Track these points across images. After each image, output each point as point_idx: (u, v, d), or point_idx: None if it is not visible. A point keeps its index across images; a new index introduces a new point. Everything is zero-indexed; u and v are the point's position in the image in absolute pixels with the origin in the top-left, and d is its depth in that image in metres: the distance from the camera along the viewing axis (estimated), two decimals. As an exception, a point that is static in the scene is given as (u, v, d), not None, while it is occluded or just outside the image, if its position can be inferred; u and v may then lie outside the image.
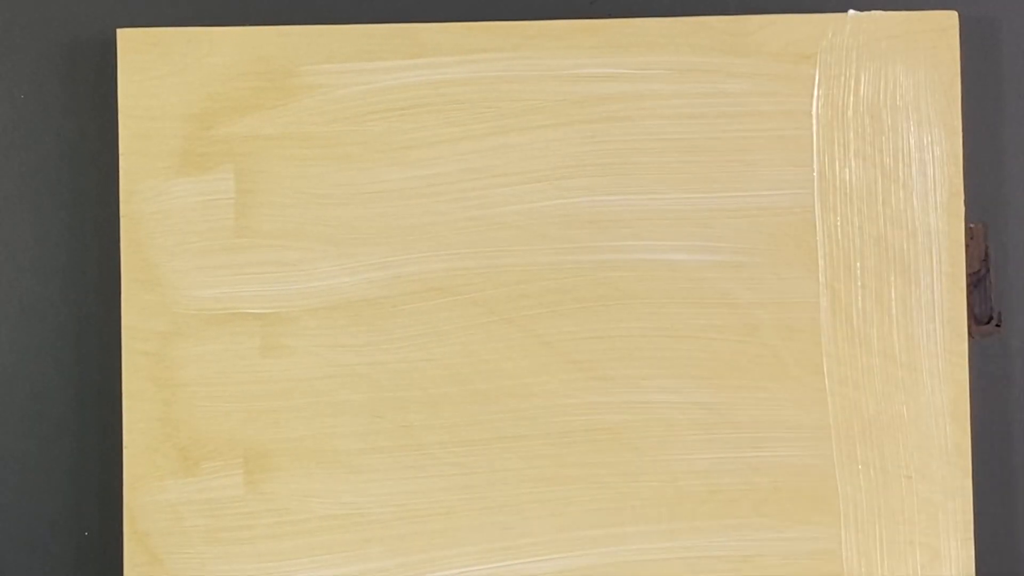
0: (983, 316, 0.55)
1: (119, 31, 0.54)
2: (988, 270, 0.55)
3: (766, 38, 0.54)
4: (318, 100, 0.54)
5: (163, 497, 0.53)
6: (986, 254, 0.55)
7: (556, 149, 0.54)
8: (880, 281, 0.54)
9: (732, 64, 0.54)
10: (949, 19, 0.54)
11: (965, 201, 0.54)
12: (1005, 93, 0.56)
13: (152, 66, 0.54)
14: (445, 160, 0.54)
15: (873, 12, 0.54)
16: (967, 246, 0.54)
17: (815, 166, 0.54)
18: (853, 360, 0.54)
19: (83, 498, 0.54)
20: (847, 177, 0.54)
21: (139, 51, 0.54)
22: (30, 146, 0.55)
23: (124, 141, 0.53)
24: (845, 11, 0.55)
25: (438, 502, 0.53)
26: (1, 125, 0.55)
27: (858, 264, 0.54)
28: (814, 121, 0.54)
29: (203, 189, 0.53)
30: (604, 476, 0.53)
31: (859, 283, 0.54)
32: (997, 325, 0.55)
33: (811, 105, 0.54)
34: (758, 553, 0.53)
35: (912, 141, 0.54)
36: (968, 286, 0.54)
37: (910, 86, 0.54)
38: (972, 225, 0.55)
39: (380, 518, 0.53)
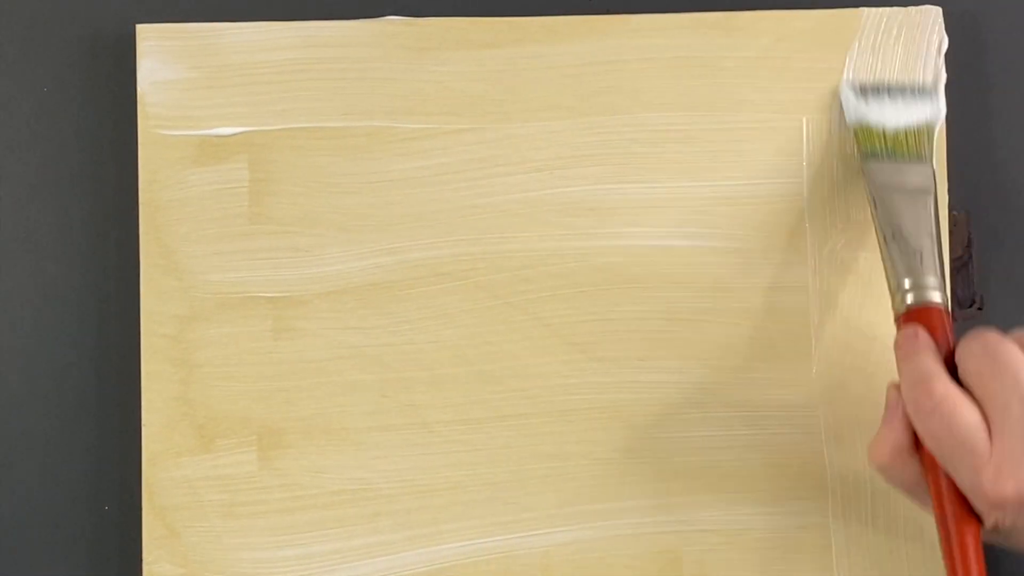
0: (966, 300, 0.56)
1: (138, 26, 0.55)
2: (971, 256, 0.56)
3: (759, 33, 0.56)
4: (329, 93, 0.55)
5: (180, 473, 0.54)
6: (969, 240, 0.56)
7: (557, 140, 0.55)
8: (867, 267, 0.55)
9: (726, 58, 0.56)
10: (933, 14, 0.56)
11: (948, 190, 0.56)
12: (987, 85, 0.57)
13: (169, 60, 0.55)
14: (450, 151, 0.55)
15: (861, 8, 0.56)
16: (951, 233, 0.56)
17: (805, 156, 0.56)
18: (841, 342, 0.55)
19: (103, 474, 0.55)
20: (835, 166, 0.56)
21: (157, 46, 0.55)
22: (53, 137, 0.56)
23: (143, 132, 0.55)
24: (834, 7, 0.56)
25: (444, 478, 0.54)
26: (25, 117, 0.56)
27: (845, 250, 0.55)
28: (803, 113, 0.56)
29: (219, 178, 0.55)
30: (603, 453, 0.55)
31: (847, 268, 0.55)
32: (979, 309, 0.56)
33: (801, 97, 0.56)
34: (750, 527, 0.54)
35: (898, 132, 0.56)
36: (951, 271, 0.56)
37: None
38: (955, 213, 0.56)
39: (388, 493, 0.54)
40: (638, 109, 0.56)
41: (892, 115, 0.54)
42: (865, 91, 0.54)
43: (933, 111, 0.54)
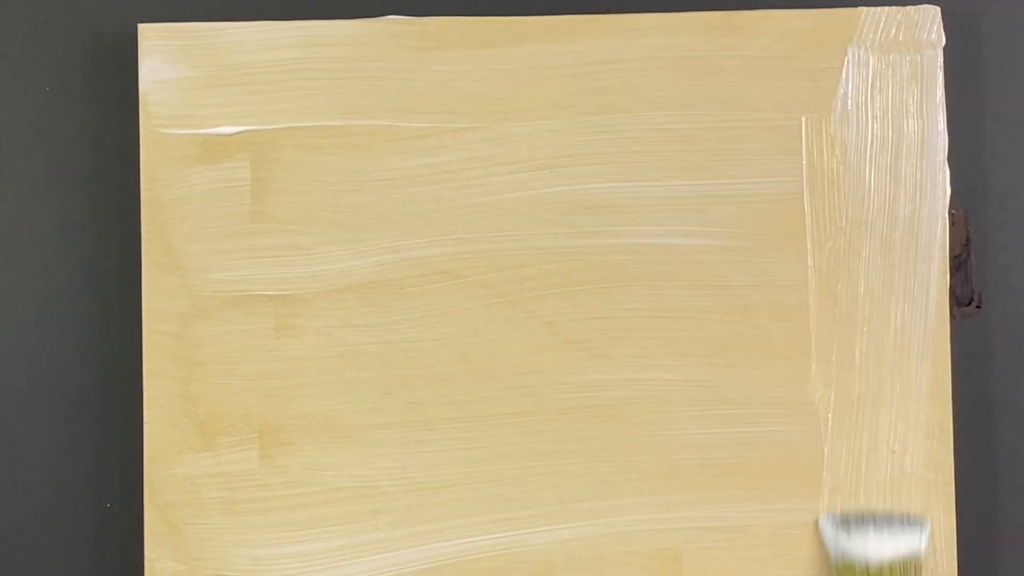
0: (964, 298, 0.57)
1: (140, 26, 0.55)
2: (969, 254, 0.57)
3: (757, 32, 0.56)
4: (330, 92, 0.56)
5: (182, 470, 0.54)
6: (967, 238, 0.57)
7: (557, 139, 0.56)
8: (865, 264, 0.56)
9: (725, 58, 0.56)
10: (932, 14, 0.56)
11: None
12: (984, 84, 0.58)
13: (171, 59, 0.55)
14: (450, 149, 0.56)
15: (859, 8, 0.56)
16: (949, 230, 0.56)
17: (803, 155, 0.56)
18: (839, 340, 0.55)
19: (105, 471, 0.56)
20: (834, 165, 0.56)
21: (159, 45, 0.55)
22: (55, 135, 0.57)
23: (145, 130, 0.55)
24: (834, 7, 0.56)
25: (444, 475, 0.55)
26: (28, 116, 0.57)
27: (844, 248, 0.56)
28: (803, 112, 0.56)
29: (220, 177, 0.55)
30: (602, 450, 0.55)
31: (845, 266, 0.56)
32: (978, 306, 0.57)
33: (800, 96, 0.56)
34: (749, 524, 0.55)
35: (896, 130, 0.56)
36: (950, 269, 0.56)
37: (895, 78, 0.56)
38: (954, 210, 0.56)
39: (388, 490, 0.54)
40: (638, 109, 0.56)
41: (876, 548, 0.53)
42: (847, 524, 0.53)
43: (919, 540, 0.53)
